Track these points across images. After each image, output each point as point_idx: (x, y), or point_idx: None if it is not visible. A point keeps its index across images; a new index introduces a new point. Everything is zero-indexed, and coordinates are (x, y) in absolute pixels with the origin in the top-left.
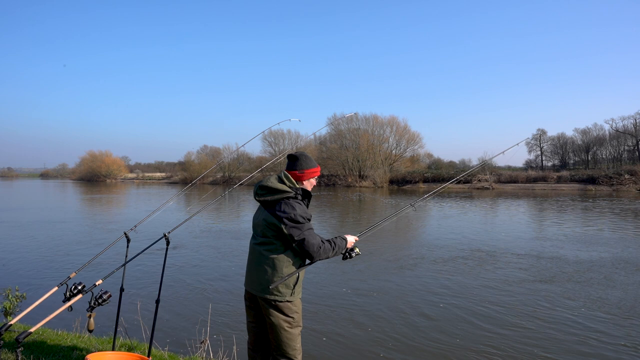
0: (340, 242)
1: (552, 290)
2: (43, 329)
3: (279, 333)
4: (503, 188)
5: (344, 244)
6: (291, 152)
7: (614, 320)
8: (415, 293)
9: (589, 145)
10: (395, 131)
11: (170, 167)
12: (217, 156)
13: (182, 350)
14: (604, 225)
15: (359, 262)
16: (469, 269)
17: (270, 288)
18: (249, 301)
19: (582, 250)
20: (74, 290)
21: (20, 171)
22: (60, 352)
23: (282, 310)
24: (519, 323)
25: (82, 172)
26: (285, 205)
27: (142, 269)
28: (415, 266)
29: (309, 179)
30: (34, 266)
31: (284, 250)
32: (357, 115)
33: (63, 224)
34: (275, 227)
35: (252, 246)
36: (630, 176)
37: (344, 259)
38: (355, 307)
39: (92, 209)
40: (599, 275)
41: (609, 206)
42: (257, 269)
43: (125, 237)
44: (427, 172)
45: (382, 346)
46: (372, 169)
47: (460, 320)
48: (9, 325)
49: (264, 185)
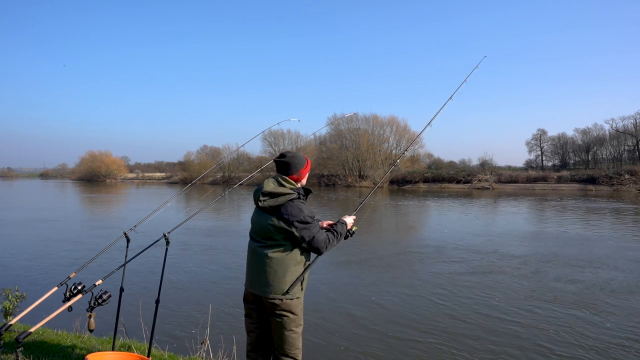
0: (342, 228)
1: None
2: (43, 329)
3: (285, 333)
4: (503, 188)
5: (344, 229)
6: (277, 158)
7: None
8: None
9: (589, 145)
10: (395, 131)
11: (170, 167)
12: (217, 156)
13: (182, 351)
14: (588, 224)
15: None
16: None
17: (284, 288)
18: (252, 303)
19: (537, 246)
20: (73, 290)
21: (20, 171)
22: (60, 352)
23: (292, 308)
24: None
25: (82, 172)
26: (292, 208)
27: (142, 269)
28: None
29: (305, 176)
30: (34, 266)
31: (292, 249)
32: (357, 115)
33: (63, 224)
34: (284, 231)
35: (254, 249)
36: (630, 176)
37: (345, 239)
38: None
39: (91, 209)
40: (530, 268)
41: (609, 206)
42: (264, 271)
43: (125, 237)
44: (427, 172)
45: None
46: (372, 169)
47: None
48: (9, 325)
49: (267, 191)
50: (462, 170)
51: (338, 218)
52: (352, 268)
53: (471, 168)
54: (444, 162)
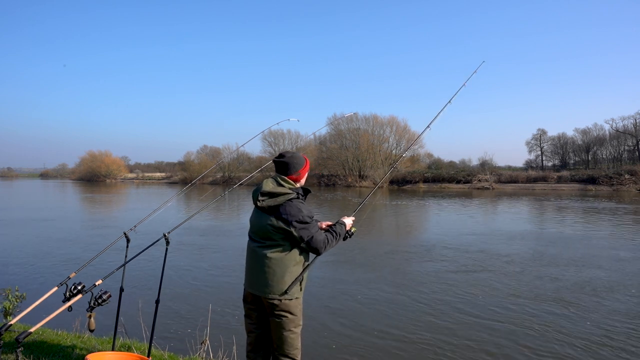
0: (340, 229)
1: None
2: (43, 329)
3: (284, 333)
4: (503, 188)
5: (343, 230)
6: (276, 158)
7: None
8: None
9: (589, 145)
10: (395, 131)
11: (170, 167)
12: (217, 156)
13: (182, 351)
14: (576, 224)
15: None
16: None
17: (283, 288)
18: (251, 303)
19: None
20: (73, 290)
21: (20, 171)
22: (60, 352)
23: (290, 309)
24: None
25: (81, 172)
26: (290, 208)
27: (142, 269)
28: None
29: (304, 176)
30: (34, 266)
31: (290, 249)
32: (357, 115)
33: (63, 224)
34: (283, 231)
35: (253, 249)
36: (630, 176)
37: (344, 240)
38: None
39: (91, 209)
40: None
41: (606, 206)
42: (263, 271)
43: (125, 237)
44: (427, 172)
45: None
46: (372, 169)
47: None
48: (9, 325)
49: (266, 191)
50: (462, 170)
51: (337, 219)
52: (340, 267)
53: (471, 168)
54: (444, 162)
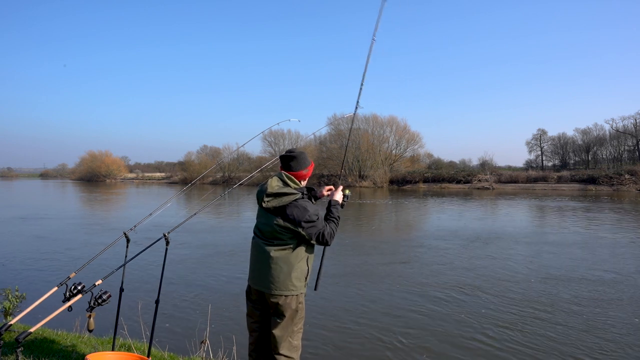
0: (337, 211)
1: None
2: (43, 329)
3: (286, 331)
4: (503, 188)
5: (339, 209)
6: (285, 153)
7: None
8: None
9: (590, 145)
10: (395, 131)
11: (170, 167)
12: (217, 156)
13: (182, 351)
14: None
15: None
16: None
17: (288, 285)
18: (255, 301)
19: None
20: (73, 291)
21: (20, 171)
22: (60, 352)
23: (294, 305)
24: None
25: (81, 172)
26: (296, 209)
27: (141, 269)
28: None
29: (309, 176)
30: (34, 266)
31: (297, 247)
32: (357, 115)
33: (63, 224)
34: (290, 230)
35: (259, 246)
36: (630, 176)
37: (342, 207)
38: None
39: (91, 209)
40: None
41: (604, 206)
42: (270, 268)
43: (124, 237)
44: (427, 172)
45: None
46: (372, 169)
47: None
48: (9, 325)
49: (271, 193)
50: (462, 170)
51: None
52: (336, 259)
53: (471, 168)
54: (444, 162)
